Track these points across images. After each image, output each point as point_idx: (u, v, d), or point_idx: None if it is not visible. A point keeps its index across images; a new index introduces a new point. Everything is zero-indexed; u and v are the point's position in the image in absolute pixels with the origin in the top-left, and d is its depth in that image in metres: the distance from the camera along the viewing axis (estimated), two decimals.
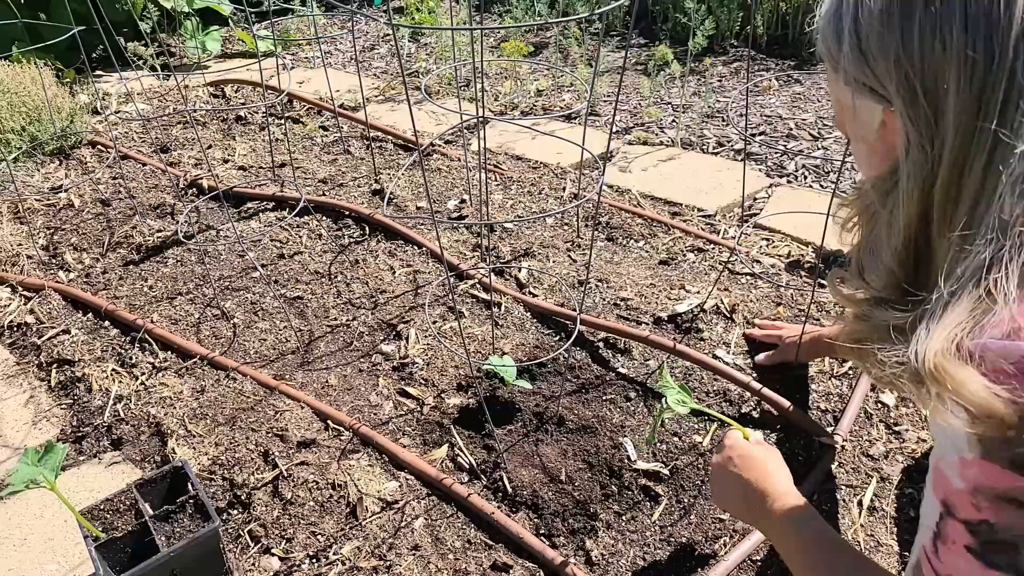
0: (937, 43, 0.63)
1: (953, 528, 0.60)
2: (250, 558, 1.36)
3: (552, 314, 1.88)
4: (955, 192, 0.66)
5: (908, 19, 0.65)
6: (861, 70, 0.70)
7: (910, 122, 0.67)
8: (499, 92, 3.43)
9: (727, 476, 1.11)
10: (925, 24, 0.64)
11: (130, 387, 1.75)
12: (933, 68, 0.64)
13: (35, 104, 2.88)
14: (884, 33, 0.66)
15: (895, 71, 0.66)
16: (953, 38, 0.62)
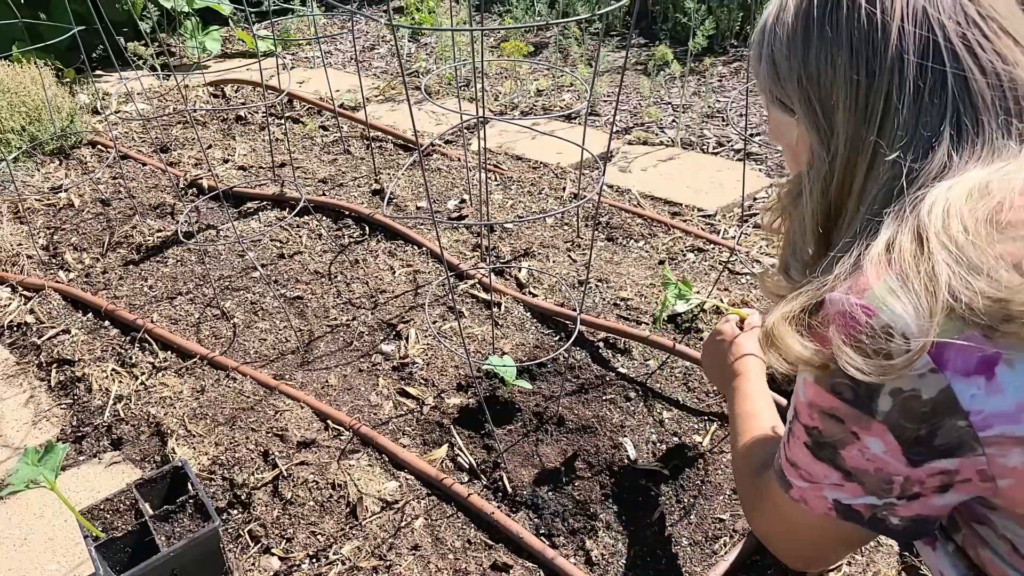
0: (828, 67, 0.75)
1: (797, 428, 0.77)
2: (250, 558, 1.36)
3: (552, 314, 1.88)
4: (846, 192, 0.77)
5: (807, 45, 0.76)
6: (774, 87, 0.82)
7: (811, 131, 0.79)
8: (499, 92, 3.43)
9: (714, 350, 1.29)
10: (820, 50, 0.75)
11: (130, 387, 1.75)
12: (826, 87, 0.76)
13: (35, 104, 2.88)
14: (790, 57, 0.78)
15: (798, 89, 0.78)
16: (841, 62, 0.74)
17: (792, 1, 0.80)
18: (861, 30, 0.73)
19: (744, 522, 1.37)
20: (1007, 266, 0.63)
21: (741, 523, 1.37)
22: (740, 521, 1.38)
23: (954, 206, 0.67)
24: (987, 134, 0.71)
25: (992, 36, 0.72)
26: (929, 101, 0.72)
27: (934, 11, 0.71)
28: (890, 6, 0.72)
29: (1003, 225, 0.65)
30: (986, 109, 0.71)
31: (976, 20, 0.72)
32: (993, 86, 0.71)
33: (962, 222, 0.66)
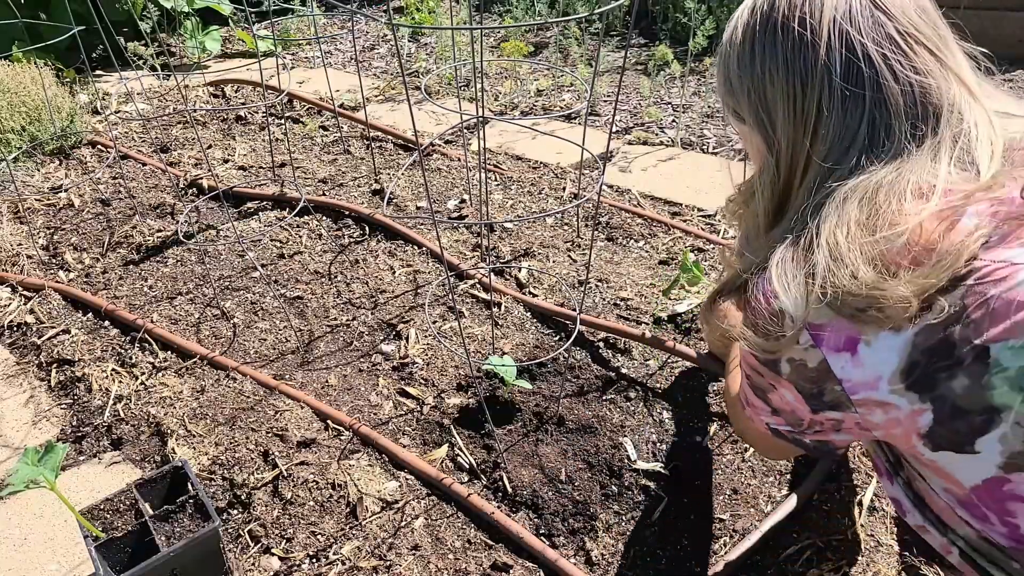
0: (769, 81, 0.88)
1: (743, 374, 0.99)
2: (250, 558, 1.36)
3: (552, 314, 1.88)
4: (789, 191, 0.91)
5: (752, 62, 0.89)
6: (730, 101, 0.96)
7: (760, 139, 0.92)
8: (499, 92, 3.43)
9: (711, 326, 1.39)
10: (762, 66, 0.88)
11: (130, 387, 1.75)
12: (769, 98, 0.88)
13: (35, 104, 2.88)
14: (740, 73, 0.91)
15: (747, 102, 0.92)
16: (779, 76, 0.86)
17: (740, 25, 0.92)
18: (795, 48, 0.85)
19: (744, 522, 1.37)
20: (868, 264, 0.76)
21: (741, 523, 1.37)
22: (740, 521, 1.38)
23: (844, 212, 0.79)
24: (895, 138, 0.82)
25: (908, 50, 0.82)
26: (852, 109, 0.83)
27: (855, 31, 0.82)
28: (818, 26, 0.84)
29: (876, 228, 0.77)
30: (898, 116, 0.82)
31: (893, 36, 0.82)
32: (905, 95, 0.82)
33: (847, 226, 0.78)
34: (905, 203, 0.77)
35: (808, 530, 1.35)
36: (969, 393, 0.76)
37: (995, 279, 0.73)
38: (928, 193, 0.78)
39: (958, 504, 0.87)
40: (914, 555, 1.30)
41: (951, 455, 0.81)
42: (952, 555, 0.92)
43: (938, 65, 0.83)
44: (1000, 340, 0.73)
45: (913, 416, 0.80)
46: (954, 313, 0.74)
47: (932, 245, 0.75)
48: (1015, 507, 0.79)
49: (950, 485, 0.86)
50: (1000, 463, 0.77)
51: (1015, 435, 0.75)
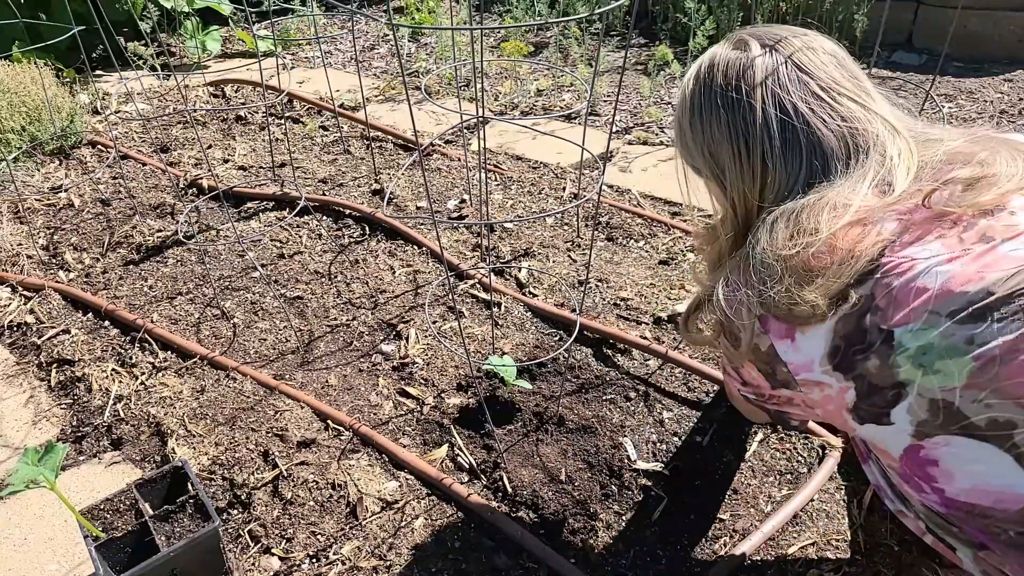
0: (716, 144, 1.02)
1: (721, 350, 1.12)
2: (250, 558, 1.36)
3: (552, 315, 1.88)
4: (747, 229, 1.02)
5: (702, 128, 1.03)
6: (687, 157, 1.10)
7: (717, 190, 1.06)
8: (499, 92, 3.43)
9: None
10: (709, 127, 1.02)
11: (130, 387, 1.75)
12: (718, 155, 1.02)
13: (35, 104, 2.88)
14: (693, 137, 1.05)
15: (702, 160, 1.05)
16: (723, 137, 1.00)
17: (688, 93, 1.05)
18: (735, 112, 0.99)
19: (743, 522, 1.37)
20: (789, 274, 0.89)
21: (741, 523, 1.37)
22: (740, 521, 1.38)
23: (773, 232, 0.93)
24: (831, 174, 0.95)
25: (832, 102, 0.96)
26: (791, 158, 0.97)
27: (784, 93, 0.96)
28: (752, 91, 0.97)
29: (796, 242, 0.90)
30: (832, 156, 0.95)
31: (818, 93, 0.96)
32: (837, 139, 0.95)
33: (774, 243, 0.92)
34: (821, 219, 0.89)
35: (808, 530, 1.35)
36: (880, 371, 0.87)
37: (898, 272, 0.85)
38: (844, 208, 0.90)
39: (901, 479, 0.98)
40: (914, 555, 1.30)
41: (874, 427, 0.93)
42: (926, 536, 1.02)
43: (862, 110, 0.97)
44: (901, 324, 0.84)
45: (841, 393, 0.93)
46: (864, 303, 0.86)
47: (844, 248, 0.87)
48: (933, 471, 0.90)
49: (888, 460, 0.98)
50: (911, 432, 0.89)
51: (919, 405, 0.86)
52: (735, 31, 1.06)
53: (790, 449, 1.51)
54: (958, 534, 0.94)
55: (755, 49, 1.00)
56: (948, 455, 0.87)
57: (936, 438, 0.87)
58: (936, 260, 0.83)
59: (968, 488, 0.87)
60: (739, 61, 1.00)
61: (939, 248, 0.84)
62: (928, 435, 0.87)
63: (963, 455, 0.85)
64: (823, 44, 1.01)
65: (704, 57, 1.06)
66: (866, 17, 3.37)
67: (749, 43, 1.01)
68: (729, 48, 1.03)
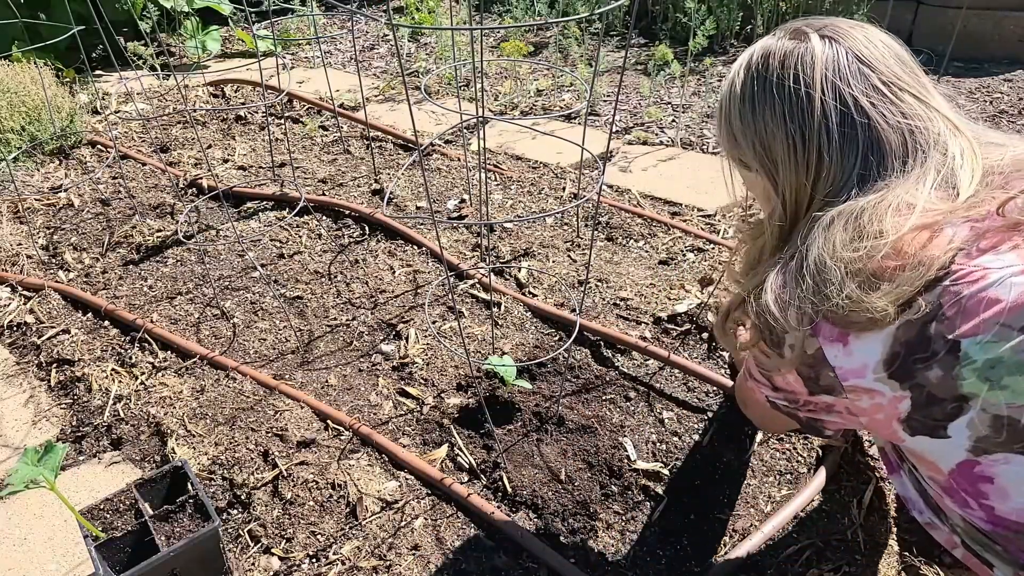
0: (771, 136, 0.98)
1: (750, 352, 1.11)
2: (250, 558, 1.36)
3: (551, 315, 1.88)
4: (794, 226, 0.99)
5: (754, 120, 0.99)
6: (734, 150, 1.05)
7: (768, 184, 1.02)
8: (499, 92, 3.43)
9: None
10: (763, 119, 0.98)
11: (130, 387, 1.75)
12: (772, 148, 0.98)
13: (35, 104, 2.87)
14: (744, 129, 1.01)
15: (752, 154, 1.01)
16: (779, 129, 0.96)
17: (738, 80, 1.02)
18: (792, 103, 0.95)
19: (743, 522, 1.37)
20: (852, 279, 0.85)
21: (741, 523, 1.37)
22: (740, 521, 1.38)
23: (830, 234, 0.89)
24: (887, 173, 0.91)
25: (893, 98, 0.93)
26: (848, 153, 0.93)
27: (844, 84, 0.93)
28: (811, 82, 0.94)
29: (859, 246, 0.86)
30: (890, 154, 0.92)
31: (879, 87, 0.93)
32: (896, 135, 0.92)
33: (832, 246, 0.88)
34: (886, 221, 0.86)
35: (808, 530, 1.35)
36: (942, 382, 0.84)
37: (968, 281, 0.81)
38: (908, 210, 0.86)
39: (943, 492, 0.95)
40: (914, 555, 1.30)
41: (926, 440, 0.90)
42: (957, 548, 1.00)
43: (923, 107, 0.93)
44: (970, 335, 0.81)
45: (895, 402, 0.89)
46: (931, 311, 0.82)
47: (913, 253, 0.84)
48: (986, 488, 0.87)
49: (932, 473, 0.95)
50: (969, 447, 0.86)
51: (981, 421, 0.83)
52: (788, 22, 1.02)
53: (790, 449, 1.51)
54: (1001, 552, 0.92)
55: (814, 39, 0.96)
56: (1006, 473, 0.85)
57: (995, 455, 0.84)
58: (1010, 271, 0.80)
59: (1022, 508, 0.86)
60: (797, 50, 0.96)
61: (1014, 259, 0.81)
62: (987, 452, 0.85)
63: (1023, 474, 0.84)
64: (882, 38, 0.97)
65: (755, 47, 1.02)
66: (866, 17, 3.37)
67: (808, 33, 0.97)
68: (785, 38, 0.99)
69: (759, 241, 1.07)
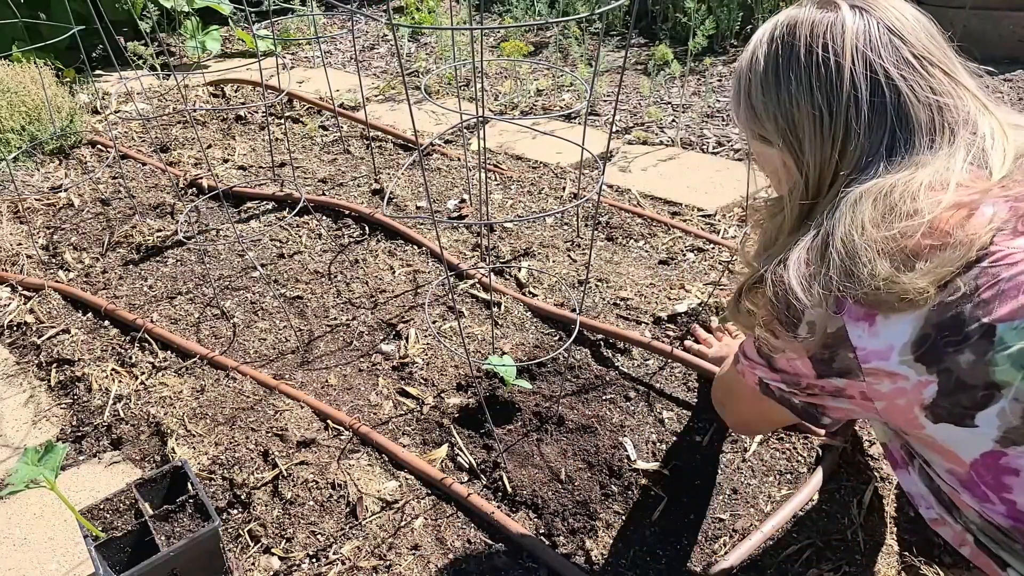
0: (795, 107, 0.93)
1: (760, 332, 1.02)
2: (250, 558, 1.36)
3: (551, 315, 1.88)
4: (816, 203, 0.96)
5: (777, 88, 0.95)
6: (754, 125, 1.01)
7: (790, 159, 0.97)
8: (499, 92, 3.43)
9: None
10: (788, 91, 0.93)
11: (130, 387, 1.75)
12: (796, 121, 0.94)
13: (35, 104, 2.87)
14: (765, 98, 0.97)
15: (774, 125, 0.97)
16: (805, 100, 0.92)
17: (761, 51, 0.97)
18: (820, 74, 0.91)
19: (743, 522, 1.37)
20: (884, 259, 0.82)
21: (741, 523, 1.37)
22: (740, 521, 1.38)
23: (858, 211, 0.85)
24: (915, 150, 0.88)
25: (923, 72, 0.89)
26: (877, 128, 0.89)
27: (875, 55, 0.89)
28: (841, 52, 0.90)
29: (892, 223, 0.83)
30: (919, 131, 0.89)
31: (910, 60, 0.89)
32: (926, 111, 0.88)
33: (860, 224, 0.84)
34: (919, 199, 0.82)
35: (808, 530, 1.35)
36: (973, 368, 0.80)
37: (1008, 263, 0.78)
38: (942, 187, 0.82)
39: (960, 486, 0.91)
40: (914, 555, 1.30)
41: (951, 428, 0.86)
42: (967, 546, 0.97)
43: (952, 84, 0.90)
44: (1006, 320, 0.77)
45: (919, 387, 0.85)
46: (967, 292, 0.79)
47: (951, 231, 0.80)
48: (1011, 481, 0.84)
49: (951, 464, 0.91)
50: (997, 437, 0.82)
51: (1013, 411, 0.80)
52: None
53: (790, 449, 1.51)
54: (1019, 550, 0.90)
55: (844, 8, 0.92)
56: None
57: (1023, 447, 0.81)
58: None
59: None
60: (826, 19, 0.92)
61: None
62: (1016, 443, 0.82)
63: None
64: (913, 12, 0.94)
65: (779, 17, 0.98)
66: None
67: (837, 3, 0.93)
68: (813, 8, 0.95)
69: (777, 219, 1.02)
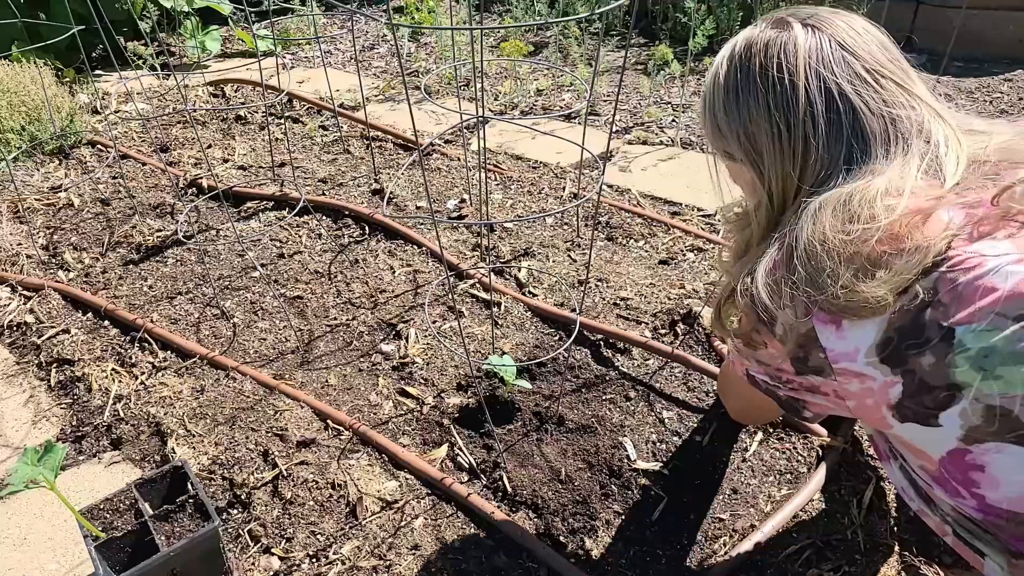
0: (755, 126, 0.97)
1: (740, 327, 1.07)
2: (250, 557, 1.36)
3: (551, 315, 1.88)
4: (782, 214, 0.99)
5: (738, 109, 0.99)
6: (718, 142, 1.06)
7: (752, 174, 1.01)
8: (499, 92, 3.43)
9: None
10: (745, 110, 0.98)
11: (130, 387, 1.75)
12: (756, 138, 0.98)
13: (35, 104, 2.87)
14: (727, 116, 1.01)
15: (737, 144, 1.01)
16: (763, 118, 0.96)
17: (721, 73, 1.01)
18: (776, 92, 0.94)
19: (743, 522, 1.37)
20: (845, 266, 0.84)
21: (741, 523, 1.37)
22: (740, 521, 1.38)
23: (819, 220, 0.88)
24: (872, 160, 0.91)
25: (875, 86, 0.92)
26: (834, 141, 0.93)
27: (828, 72, 0.92)
28: (795, 70, 0.93)
29: (850, 230, 0.85)
30: (874, 141, 0.92)
31: (862, 74, 0.92)
32: (880, 122, 0.91)
33: (822, 232, 0.87)
34: (877, 205, 0.85)
35: (808, 530, 1.35)
36: (934, 369, 0.83)
37: (965, 268, 0.80)
38: (897, 194, 0.86)
39: (933, 481, 0.94)
40: (914, 555, 1.30)
41: (916, 427, 0.89)
42: (948, 536, 0.99)
43: (905, 95, 0.93)
44: (964, 323, 0.80)
45: (885, 388, 0.88)
46: (927, 297, 0.82)
47: (907, 236, 0.83)
48: (977, 476, 0.86)
49: (922, 461, 0.94)
50: (960, 435, 0.85)
51: (974, 410, 0.82)
52: (769, 12, 1.00)
53: (790, 449, 1.51)
54: (992, 541, 0.91)
55: (796, 27, 0.96)
56: (998, 462, 0.84)
57: (987, 444, 0.83)
58: (1007, 259, 0.79)
59: (1014, 497, 0.85)
60: (780, 39, 0.95)
61: (1010, 247, 0.80)
62: (979, 441, 0.84)
63: (1014, 464, 0.82)
64: (865, 25, 0.98)
65: (738, 38, 1.02)
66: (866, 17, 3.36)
67: (789, 22, 0.97)
68: (767, 28, 0.99)
69: (746, 232, 1.06)
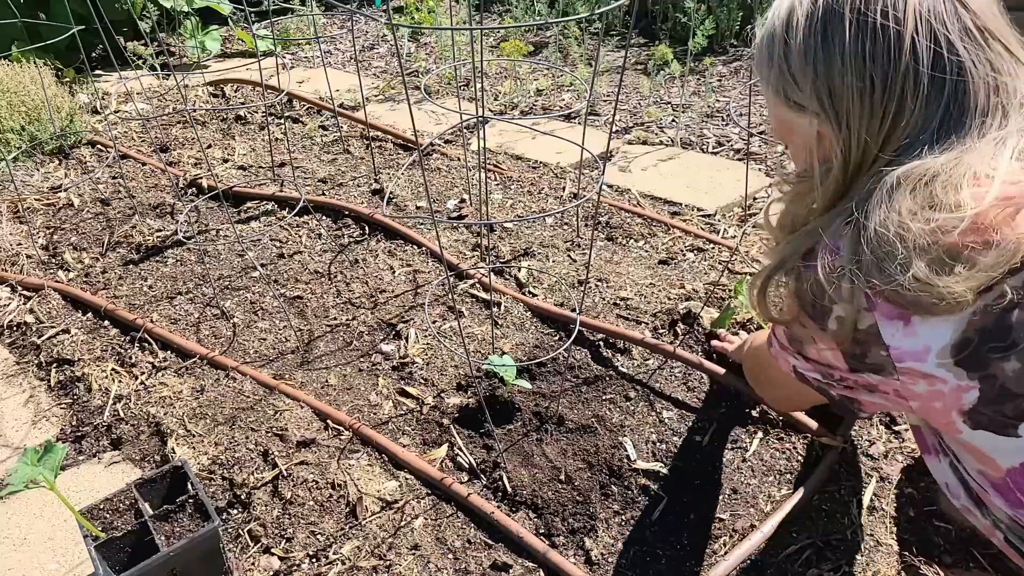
0: (840, 75, 0.83)
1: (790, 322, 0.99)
2: (250, 557, 1.36)
3: (551, 315, 1.88)
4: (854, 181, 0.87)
5: (824, 53, 0.84)
6: (789, 91, 0.90)
7: (829, 130, 0.88)
8: (499, 92, 3.43)
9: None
10: (833, 56, 0.83)
11: (130, 387, 1.75)
12: (842, 91, 0.84)
13: (35, 104, 2.87)
14: (804, 64, 0.86)
15: (814, 93, 0.87)
16: (854, 70, 0.82)
17: (803, 13, 0.86)
18: (875, 40, 0.81)
19: (743, 522, 1.37)
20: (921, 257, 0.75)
21: (740, 523, 1.37)
22: (740, 521, 1.38)
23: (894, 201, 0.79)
24: (963, 131, 0.80)
25: (984, 45, 0.81)
26: (932, 102, 0.81)
27: (938, 23, 0.80)
28: (902, 19, 0.80)
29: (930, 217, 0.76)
30: (972, 111, 0.80)
31: (971, 30, 0.80)
32: (980, 87, 0.80)
33: (897, 215, 0.77)
34: (963, 191, 0.76)
35: (808, 530, 1.35)
36: (1019, 376, 0.76)
37: None
38: (987, 179, 0.76)
39: (992, 488, 0.88)
40: (914, 555, 1.30)
41: (990, 435, 0.82)
42: (996, 537, 0.94)
43: (1012, 61, 0.82)
44: None
45: (958, 392, 0.80)
46: (1014, 298, 0.74)
47: (996, 229, 0.74)
48: None
49: (984, 467, 0.87)
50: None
51: None
52: None
53: (790, 449, 1.51)
54: None
55: None
56: None
57: None
58: None
59: None
60: None
61: None
62: None
63: None
64: None
65: None
66: None
67: None
68: None
69: (806, 200, 0.94)
